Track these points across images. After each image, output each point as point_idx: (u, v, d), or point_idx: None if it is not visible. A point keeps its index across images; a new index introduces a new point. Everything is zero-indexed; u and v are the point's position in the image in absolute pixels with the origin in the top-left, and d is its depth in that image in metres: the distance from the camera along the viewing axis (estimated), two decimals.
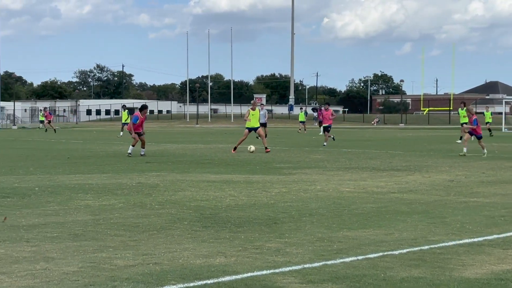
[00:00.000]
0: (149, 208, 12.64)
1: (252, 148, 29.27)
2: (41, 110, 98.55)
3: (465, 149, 28.19)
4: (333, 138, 37.19)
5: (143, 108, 27.86)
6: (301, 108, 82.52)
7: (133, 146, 27.37)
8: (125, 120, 50.86)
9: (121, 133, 51.19)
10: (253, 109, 30.64)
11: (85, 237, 9.74)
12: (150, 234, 9.98)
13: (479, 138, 28.71)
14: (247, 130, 30.36)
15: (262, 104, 55.71)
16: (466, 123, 36.36)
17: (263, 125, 46.57)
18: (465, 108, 37.64)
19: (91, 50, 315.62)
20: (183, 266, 7.88)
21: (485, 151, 28.04)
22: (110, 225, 10.75)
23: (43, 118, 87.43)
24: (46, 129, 66.92)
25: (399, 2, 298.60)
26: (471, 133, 28.73)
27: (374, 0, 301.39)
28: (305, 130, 62.63)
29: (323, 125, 36.56)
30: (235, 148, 29.51)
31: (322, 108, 38.39)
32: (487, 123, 49.00)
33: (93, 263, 7.99)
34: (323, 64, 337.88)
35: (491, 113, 47.84)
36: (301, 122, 64.64)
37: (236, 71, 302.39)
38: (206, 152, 30.40)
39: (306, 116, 67.47)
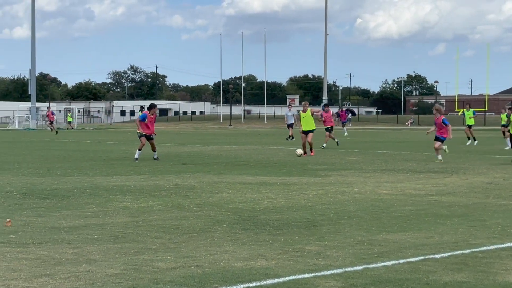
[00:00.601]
0: (188, 210, 12.69)
1: (299, 151, 28.22)
2: (68, 111, 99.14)
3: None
4: (337, 142, 36.38)
5: (152, 107, 26.68)
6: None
7: (139, 150, 26.12)
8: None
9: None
10: (304, 111, 29.76)
11: (126, 239, 9.80)
12: (190, 236, 10.01)
13: (441, 140, 25.76)
14: (302, 134, 28.92)
15: (290, 105, 55.44)
16: (504, 126, 35.95)
17: (290, 125, 46.51)
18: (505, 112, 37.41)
19: (124, 51, 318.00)
20: (224, 269, 7.90)
21: (440, 158, 25.28)
22: (149, 227, 10.80)
23: (71, 119, 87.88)
24: (57, 131, 64.87)
25: (432, 2, 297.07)
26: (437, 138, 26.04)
27: (408, 1, 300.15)
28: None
29: (325, 126, 35.39)
30: (305, 153, 28.45)
31: (322, 110, 37.07)
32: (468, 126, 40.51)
33: (135, 266, 8.03)
34: (356, 65, 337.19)
35: (473, 112, 40.66)
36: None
37: (269, 72, 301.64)
38: (241, 153, 30.43)
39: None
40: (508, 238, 9.95)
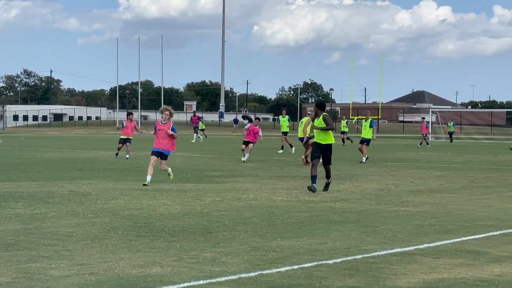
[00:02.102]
0: (82, 216, 12.54)
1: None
2: None
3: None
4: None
5: (128, 114, 31.93)
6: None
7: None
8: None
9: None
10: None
11: (18, 246, 9.61)
12: (84, 243, 9.90)
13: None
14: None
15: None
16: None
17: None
18: None
19: (18, 54, 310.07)
20: (119, 276, 7.85)
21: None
22: (42, 234, 10.63)
23: None
24: None
25: (328, 11, 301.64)
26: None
27: (304, 9, 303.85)
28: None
29: (245, 139, 30.81)
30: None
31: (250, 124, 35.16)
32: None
33: (27, 274, 7.89)
34: (253, 72, 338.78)
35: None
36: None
37: (166, 78, 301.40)
38: (138, 159, 30.21)
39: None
40: (398, 243, 10.23)
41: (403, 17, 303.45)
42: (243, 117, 29.67)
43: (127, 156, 30.35)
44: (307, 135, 28.11)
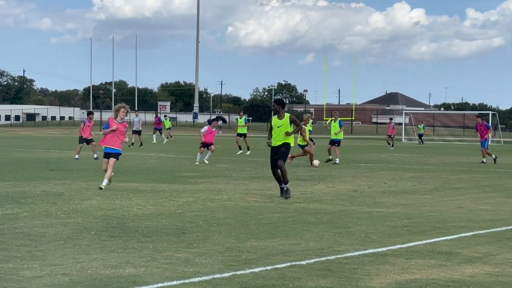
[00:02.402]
0: (55, 217, 12.47)
1: (316, 162, 27.96)
2: None
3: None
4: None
5: (89, 113, 31.50)
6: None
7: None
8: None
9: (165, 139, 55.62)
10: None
11: None
12: (57, 244, 9.86)
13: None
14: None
15: (137, 111, 55.01)
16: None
17: (138, 132, 45.88)
18: None
19: None
20: (92, 276, 7.82)
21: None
22: (15, 234, 10.56)
23: None
24: None
25: (302, 12, 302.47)
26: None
27: (278, 10, 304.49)
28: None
29: (205, 141, 29.54)
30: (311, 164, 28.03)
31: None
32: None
33: None
34: (227, 73, 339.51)
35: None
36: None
37: (140, 78, 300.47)
38: None
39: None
40: (371, 244, 10.28)
41: (377, 19, 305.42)
42: (217, 118, 28.88)
43: (95, 155, 29.99)
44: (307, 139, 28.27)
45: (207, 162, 28.14)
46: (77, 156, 30.24)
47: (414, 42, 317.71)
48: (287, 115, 16.48)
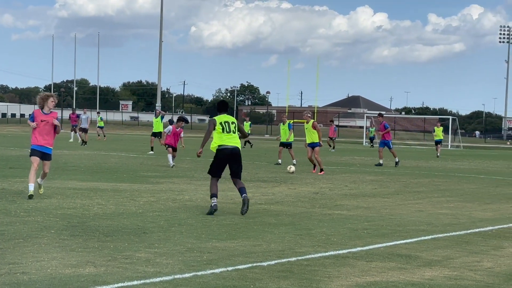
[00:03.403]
0: (14, 215, 12.36)
1: (292, 168, 25.49)
2: None
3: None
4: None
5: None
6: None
7: None
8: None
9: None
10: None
11: None
12: (16, 242, 9.76)
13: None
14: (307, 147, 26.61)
15: (85, 108, 54.21)
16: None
17: (84, 130, 45.26)
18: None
19: None
20: (51, 275, 7.77)
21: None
22: None
23: None
24: None
25: (266, 14, 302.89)
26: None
27: (242, 11, 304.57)
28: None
29: (169, 143, 28.25)
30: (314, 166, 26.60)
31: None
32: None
33: None
34: (190, 73, 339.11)
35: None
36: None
37: (102, 77, 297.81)
38: (71, 158, 29.93)
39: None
40: (331, 246, 10.33)
41: (340, 22, 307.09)
42: (179, 119, 28.30)
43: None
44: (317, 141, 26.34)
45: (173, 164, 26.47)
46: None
47: (377, 46, 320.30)
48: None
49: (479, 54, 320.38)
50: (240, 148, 14.18)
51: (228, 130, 14.08)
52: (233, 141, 14.14)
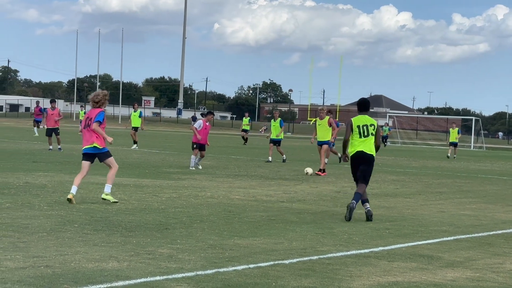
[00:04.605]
0: (38, 209, 12.45)
1: (310, 170, 23.85)
2: None
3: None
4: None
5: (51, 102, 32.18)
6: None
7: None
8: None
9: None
10: (321, 118, 29.27)
11: None
12: (40, 236, 9.84)
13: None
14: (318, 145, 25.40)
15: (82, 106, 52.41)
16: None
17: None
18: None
19: None
20: (75, 269, 7.82)
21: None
22: None
23: None
24: None
25: (289, 12, 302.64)
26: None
27: (265, 9, 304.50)
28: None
29: (199, 141, 25.66)
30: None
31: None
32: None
33: None
34: (213, 70, 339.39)
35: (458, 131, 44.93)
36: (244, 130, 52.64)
37: (125, 72, 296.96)
38: None
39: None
40: (353, 245, 10.33)
41: (364, 21, 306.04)
42: (210, 112, 27.33)
43: (59, 146, 29.94)
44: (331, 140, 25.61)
45: (200, 167, 24.26)
46: (50, 147, 30.25)
47: (400, 45, 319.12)
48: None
49: (503, 55, 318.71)
50: (374, 154, 13.39)
51: (366, 134, 13.32)
52: (367, 146, 13.37)
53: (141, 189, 16.42)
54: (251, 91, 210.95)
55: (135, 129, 37.06)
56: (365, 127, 13.30)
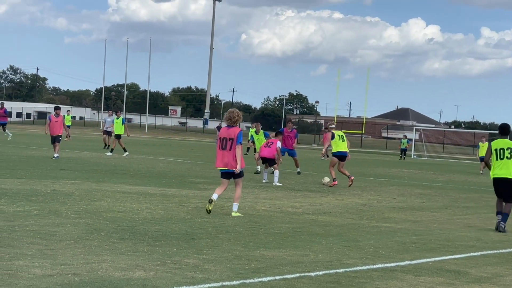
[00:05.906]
0: (65, 216, 12.53)
1: (327, 180, 24.10)
2: None
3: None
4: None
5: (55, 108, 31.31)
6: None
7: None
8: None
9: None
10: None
11: (1, 243, 9.59)
12: (67, 243, 9.90)
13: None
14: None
15: (110, 111, 49.93)
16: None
17: (108, 133, 42.51)
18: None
19: (5, 50, 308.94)
20: (102, 278, 7.86)
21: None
22: (25, 232, 10.62)
23: None
24: None
25: (317, 23, 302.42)
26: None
27: (293, 20, 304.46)
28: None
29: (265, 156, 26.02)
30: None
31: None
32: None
33: (10, 271, 7.90)
34: (239, 80, 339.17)
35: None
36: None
37: (152, 82, 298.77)
38: (121, 162, 30.19)
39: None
40: (379, 259, 10.29)
41: (391, 33, 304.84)
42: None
43: (56, 155, 29.26)
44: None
45: (279, 184, 22.91)
46: (56, 155, 29.46)
47: (427, 58, 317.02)
48: None
49: None
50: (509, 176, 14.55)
51: (501, 157, 14.62)
52: (503, 169, 14.64)
53: (167, 199, 16.47)
54: (277, 102, 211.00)
55: (118, 136, 36.20)
56: (501, 151, 14.58)
